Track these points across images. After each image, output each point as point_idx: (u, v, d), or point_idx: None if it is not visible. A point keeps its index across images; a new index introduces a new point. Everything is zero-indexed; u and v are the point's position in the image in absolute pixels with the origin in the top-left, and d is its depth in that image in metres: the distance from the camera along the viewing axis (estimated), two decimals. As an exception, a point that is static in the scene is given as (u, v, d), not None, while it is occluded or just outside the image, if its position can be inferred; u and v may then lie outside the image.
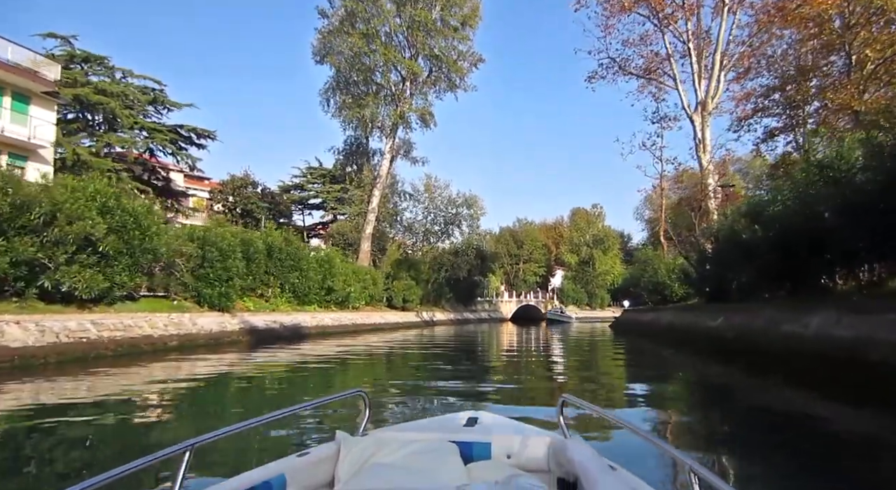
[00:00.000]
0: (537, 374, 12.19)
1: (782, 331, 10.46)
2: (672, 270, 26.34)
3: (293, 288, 25.45)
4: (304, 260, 25.93)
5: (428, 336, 26.97)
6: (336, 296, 28.76)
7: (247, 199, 42.54)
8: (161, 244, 15.74)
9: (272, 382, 10.15)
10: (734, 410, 7.36)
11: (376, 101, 34.35)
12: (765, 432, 5.76)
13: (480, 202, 49.87)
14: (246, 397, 8.52)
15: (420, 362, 14.83)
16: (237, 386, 9.63)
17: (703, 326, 15.21)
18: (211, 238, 18.73)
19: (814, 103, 28.75)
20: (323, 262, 27.66)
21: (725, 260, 16.21)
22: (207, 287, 18.27)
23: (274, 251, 23.78)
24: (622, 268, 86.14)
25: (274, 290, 24.22)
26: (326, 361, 14.11)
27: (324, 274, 27.46)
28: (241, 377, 10.68)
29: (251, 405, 7.73)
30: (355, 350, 17.78)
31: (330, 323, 26.17)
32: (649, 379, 10.99)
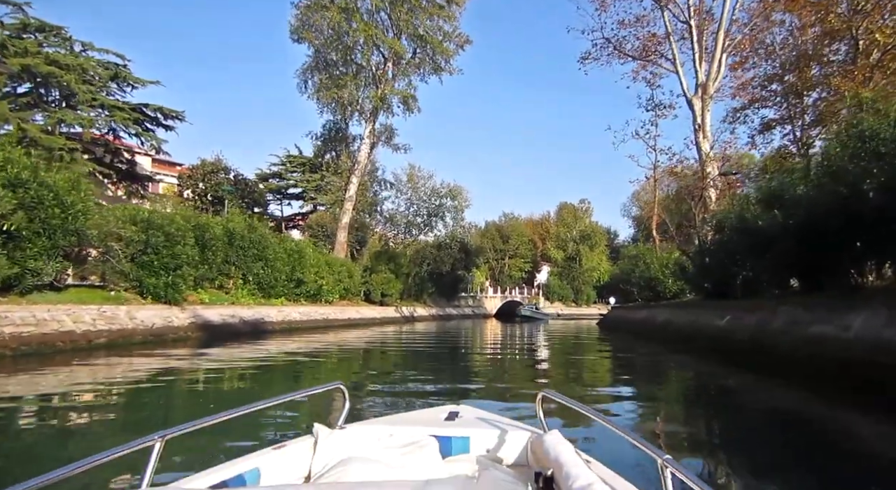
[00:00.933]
0: (520, 376, 10.45)
1: (810, 333, 8.73)
2: (665, 265, 24.71)
3: (258, 279, 23.44)
4: (271, 249, 23.89)
5: (406, 333, 25.17)
6: (307, 289, 26.77)
7: (218, 185, 40.30)
8: (89, 225, 13.65)
9: (191, 392, 8.21)
10: (808, 446, 5.54)
11: (356, 81, 32.29)
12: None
13: (465, 193, 48.05)
14: (136, 414, 6.58)
15: (391, 363, 13.00)
16: (138, 400, 7.61)
17: (707, 326, 13.51)
18: (156, 221, 16.63)
19: (812, 94, 27.32)
20: (292, 252, 25.63)
21: (731, 252, 14.50)
22: (151, 276, 16.19)
23: (235, 238, 21.72)
24: (608, 265, 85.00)
25: (235, 281, 22.19)
26: (283, 362, 12.22)
27: (293, 265, 25.44)
28: (159, 383, 8.69)
29: (139, 425, 5.81)
30: (322, 348, 15.94)
31: (298, 317, 24.18)
32: (652, 394, 9.19)
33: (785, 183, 10.93)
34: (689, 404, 8.00)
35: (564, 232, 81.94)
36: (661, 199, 31.19)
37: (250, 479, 1.82)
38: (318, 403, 6.36)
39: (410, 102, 36.83)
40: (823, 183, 9.22)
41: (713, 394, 8.61)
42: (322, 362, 12.70)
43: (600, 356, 15.72)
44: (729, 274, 15.47)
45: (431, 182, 47.31)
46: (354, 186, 33.68)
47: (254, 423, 5.33)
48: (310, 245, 28.62)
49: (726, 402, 7.77)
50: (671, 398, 8.48)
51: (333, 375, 10.56)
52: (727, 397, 8.15)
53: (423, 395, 7.61)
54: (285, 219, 56.04)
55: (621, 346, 18.52)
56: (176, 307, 17.10)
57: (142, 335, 14.69)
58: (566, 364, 13.72)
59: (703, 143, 21.72)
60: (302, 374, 10.58)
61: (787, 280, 12.71)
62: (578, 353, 16.40)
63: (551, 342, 20.66)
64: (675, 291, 24.07)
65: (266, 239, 23.50)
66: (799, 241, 10.12)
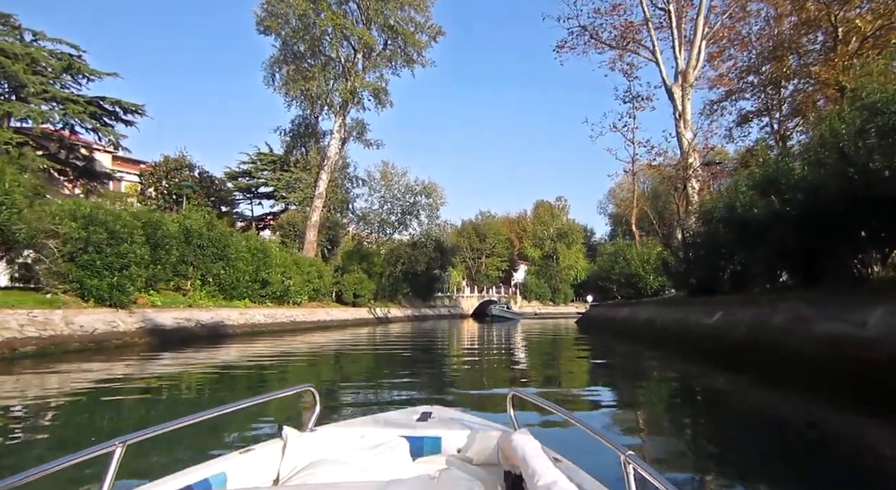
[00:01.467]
0: (497, 379, 9.40)
1: (819, 331, 7.83)
2: (646, 261, 23.96)
3: (219, 280, 22.02)
4: (233, 248, 22.47)
5: (380, 335, 24.01)
6: (272, 290, 25.39)
7: (182, 182, 38.47)
8: (13, 220, 12.19)
9: (125, 404, 6.95)
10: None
11: (325, 74, 30.92)
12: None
13: (440, 190, 46.94)
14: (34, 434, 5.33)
15: (362, 369, 11.85)
16: (51, 415, 6.32)
17: (697, 324, 12.62)
18: (98, 217, 15.15)
19: (789, 86, 26.90)
20: (256, 252, 24.23)
21: (718, 244, 13.68)
22: (93, 277, 14.72)
23: (193, 236, 20.28)
24: (586, 263, 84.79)
25: (194, 282, 20.75)
26: (239, 369, 11.00)
27: (257, 265, 24.04)
28: (86, 394, 7.39)
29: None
30: (286, 352, 14.72)
31: (262, 320, 22.81)
32: (639, 397, 8.23)
33: (781, 167, 10.05)
34: (681, 412, 7.03)
35: (541, 230, 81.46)
36: (639, 194, 30.44)
37: (216, 484, 1.80)
38: (289, 406, 6.18)
39: (382, 96, 35.60)
40: (827, 163, 8.33)
41: (707, 400, 7.66)
42: (284, 369, 11.48)
43: (579, 358, 14.75)
44: (716, 268, 14.67)
45: (405, 179, 46.17)
46: (324, 183, 32.30)
47: (220, 427, 5.06)
48: (275, 244, 27.22)
49: (722, 410, 6.82)
50: (662, 405, 7.51)
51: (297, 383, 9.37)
52: (724, 404, 7.21)
53: (397, 405, 6.69)
54: (256, 218, 54.23)
55: (602, 347, 17.63)
56: (122, 310, 15.66)
57: (80, 342, 13.24)
58: (544, 365, 12.74)
59: (685, 132, 20.99)
60: (262, 382, 9.36)
61: (780, 273, 11.90)
62: (557, 355, 15.43)
63: (529, 343, 19.70)
64: (657, 288, 23.33)
65: (227, 237, 22.08)
66: (798, 228, 9.25)
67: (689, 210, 18.99)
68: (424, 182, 46.07)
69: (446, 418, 2.60)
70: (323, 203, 32.89)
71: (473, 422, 2.54)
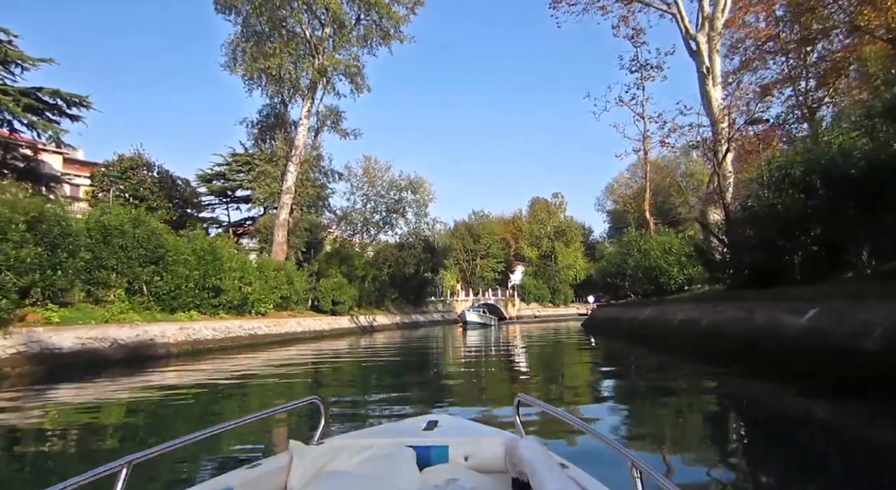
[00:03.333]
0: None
1: None
2: (667, 251, 20.18)
3: (154, 289, 18.15)
4: (171, 250, 18.60)
5: (363, 347, 20.40)
6: (228, 299, 21.48)
7: (139, 183, 34.56)
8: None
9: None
10: None
11: (288, 49, 27.03)
12: None
13: (427, 185, 43.04)
14: None
15: (327, 399, 7.97)
16: None
17: (776, 326, 8.76)
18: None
19: (816, 51, 23.19)
20: (204, 254, 20.33)
21: (796, 217, 9.88)
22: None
23: (113, 235, 16.40)
24: (584, 262, 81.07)
25: (117, 291, 16.86)
26: (111, 416, 7.19)
27: (205, 269, 20.14)
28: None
29: None
30: (228, 378, 10.95)
31: (210, 335, 18.88)
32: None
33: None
34: None
35: (538, 228, 77.67)
36: (650, 185, 26.70)
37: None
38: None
39: (358, 80, 31.86)
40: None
41: None
42: (210, 405, 7.79)
43: (606, 377, 10.95)
44: (781, 250, 10.86)
45: (389, 174, 42.27)
46: (293, 176, 28.43)
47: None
48: (229, 244, 23.28)
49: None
50: None
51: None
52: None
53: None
54: (234, 224, 50.24)
55: (622, 357, 13.83)
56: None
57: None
58: (573, 392, 8.98)
59: (713, 91, 17.29)
60: (110, 451, 5.51)
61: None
62: (576, 373, 11.62)
63: (535, 351, 16.00)
64: (683, 282, 19.54)
65: (161, 236, 18.17)
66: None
67: (725, 183, 15.25)
68: (410, 176, 42.22)
69: (453, 427, 2.57)
70: (293, 199, 28.96)
71: (480, 429, 2.61)
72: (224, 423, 1.89)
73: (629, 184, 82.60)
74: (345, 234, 42.92)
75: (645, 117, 25.54)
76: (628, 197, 79.42)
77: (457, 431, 2.46)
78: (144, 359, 14.93)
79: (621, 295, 28.05)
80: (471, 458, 2.25)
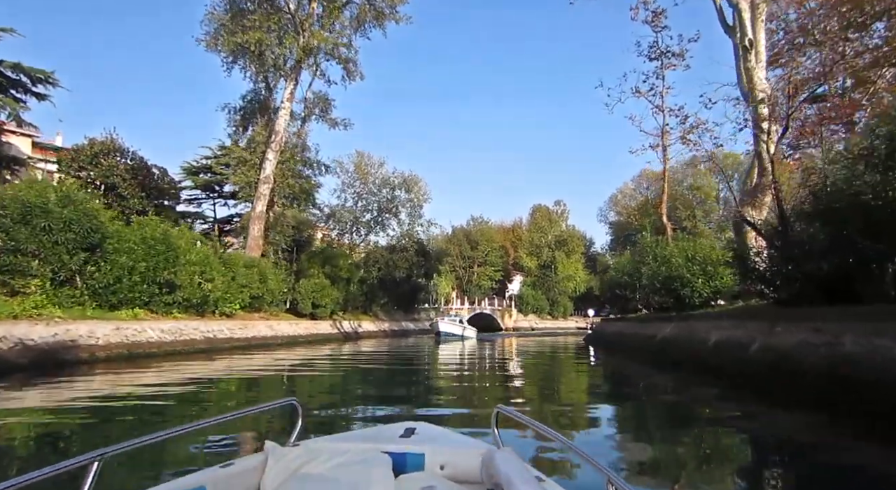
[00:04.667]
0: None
1: None
2: (691, 259, 17.47)
3: (91, 281, 15.43)
4: (110, 237, 15.91)
5: (344, 356, 18.00)
6: (184, 296, 18.74)
7: (110, 170, 31.85)
8: None
9: None
10: None
11: (269, 23, 24.43)
12: None
13: (423, 184, 40.30)
14: None
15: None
16: None
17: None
18: None
19: (857, 43, 20.57)
20: (155, 243, 17.60)
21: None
22: None
23: (33, 215, 13.69)
24: (585, 274, 78.31)
25: (41, 281, 14.11)
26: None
27: (156, 261, 17.41)
28: None
29: None
30: (151, 392, 8.51)
31: (155, 337, 16.13)
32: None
33: None
34: None
35: (538, 237, 74.90)
36: (668, 185, 24.09)
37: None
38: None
39: (350, 66, 29.34)
40: None
41: None
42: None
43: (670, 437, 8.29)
44: (865, 258, 8.17)
45: (382, 170, 39.57)
46: (272, 164, 25.75)
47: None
48: (186, 232, 20.51)
49: None
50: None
51: None
52: None
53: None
54: (220, 221, 47.48)
55: (660, 402, 11.11)
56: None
57: None
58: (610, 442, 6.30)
59: (755, 68, 14.68)
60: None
61: None
62: (601, 411, 8.91)
63: (543, 376, 13.31)
64: (710, 295, 16.80)
65: (97, 219, 15.43)
66: None
67: (769, 177, 12.59)
68: (405, 173, 39.47)
69: (430, 435, 2.53)
70: (272, 190, 26.26)
71: (457, 439, 2.55)
72: (200, 421, 1.87)
73: (633, 195, 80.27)
74: (333, 232, 40.13)
75: (664, 110, 22.94)
76: (632, 208, 77.02)
77: (434, 440, 2.42)
78: (60, 364, 12.21)
79: (630, 308, 25.31)
80: (447, 467, 2.22)
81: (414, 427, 2.60)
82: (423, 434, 2.51)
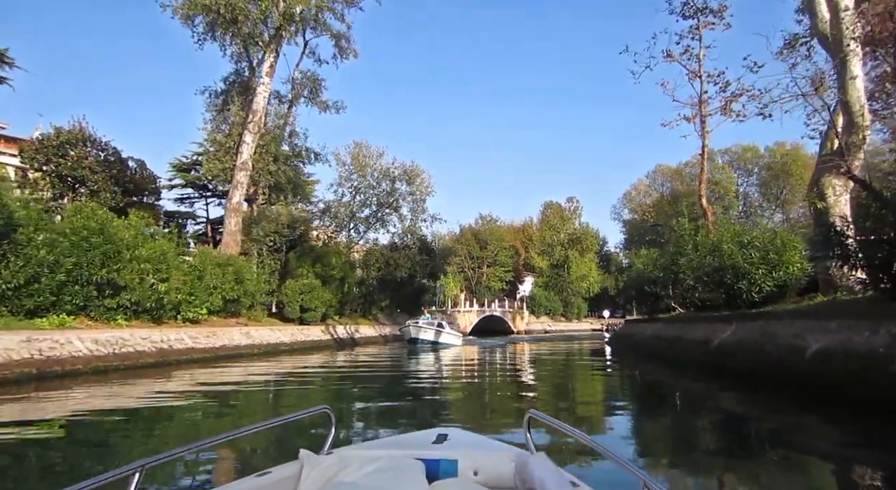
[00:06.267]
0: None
1: None
2: (747, 245, 14.04)
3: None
4: (22, 225, 12.78)
5: (337, 367, 15.00)
6: (132, 298, 15.57)
7: (77, 162, 28.86)
8: None
9: None
10: None
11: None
12: None
13: (425, 177, 36.92)
14: None
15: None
16: None
17: None
18: None
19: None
20: (89, 234, 14.43)
21: None
22: None
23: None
24: (598, 274, 74.67)
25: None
26: None
27: (91, 256, 14.26)
28: None
29: None
30: None
31: (84, 351, 12.92)
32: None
33: None
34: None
35: (550, 235, 71.34)
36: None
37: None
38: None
39: (343, 43, 26.22)
40: None
41: None
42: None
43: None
44: None
45: (381, 161, 36.29)
46: (249, 148, 22.58)
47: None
48: (135, 222, 17.28)
49: None
50: None
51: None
52: None
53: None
54: (214, 221, 44.40)
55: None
56: None
57: None
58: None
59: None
60: None
61: None
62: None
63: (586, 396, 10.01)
64: (771, 291, 13.30)
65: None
66: None
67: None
68: (405, 164, 36.13)
69: (463, 441, 2.51)
70: (251, 177, 23.07)
71: (490, 444, 2.53)
72: (235, 431, 1.92)
73: (648, 191, 76.66)
74: (329, 229, 36.91)
75: (702, 76, 19.50)
76: (648, 205, 73.35)
77: (467, 446, 2.40)
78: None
79: (661, 307, 21.83)
80: (480, 473, 2.21)
81: (446, 433, 2.58)
82: (456, 440, 2.49)
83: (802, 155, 66.28)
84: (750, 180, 71.35)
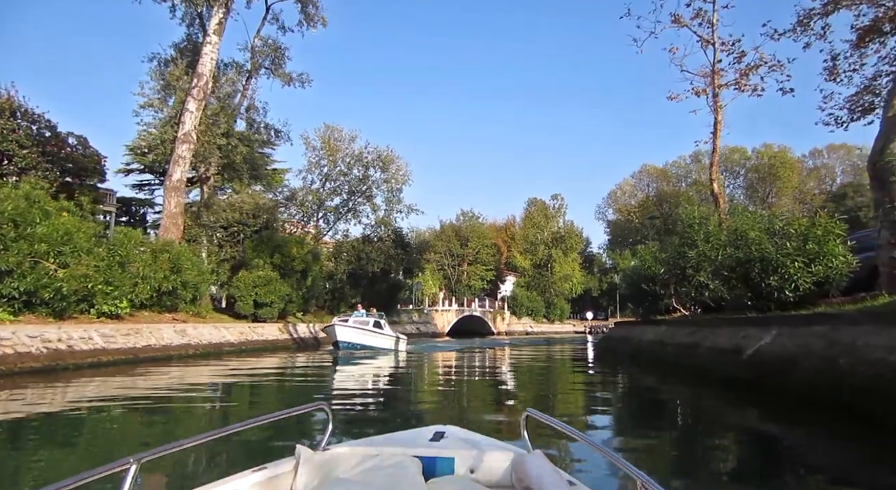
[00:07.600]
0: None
1: None
2: (777, 233, 11.48)
3: None
4: None
5: (291, 373, 11.63)
6: (20, 286, 12.48)
7: (3, 135, 25.41)
8: None
9: None
10: None
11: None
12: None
13: (401, 163, 33.97)
14: None
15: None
16: None
17: None
18: None
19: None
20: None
21: None
22: None
23: None
24: (582, 275, 72.55)
25: None
26: None
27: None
28: None
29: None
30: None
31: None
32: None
33: None
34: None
35: (534, 233, 68.92)
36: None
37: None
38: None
39: (310, 10, 23.30)
40: None
41: None
42: None
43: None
44: None
45: (354, 145, 33.26)
46: (193, 117, 19.47)
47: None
48: (27, 190, 14.12)
49: None
50: None
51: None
52: None
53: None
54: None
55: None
56: None
57: None
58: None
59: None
60: None
61: None
62: None
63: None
64: (811, 286, 10.72)
65: None
66: None
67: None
68: (379, 149, 33.13)
69: (460, 438, 2.49)
70: (193, 150, 19.93)
71: (487, 442, 2.48)
72: (232, 425, 1.88)
73: (633, 192, 74.83)
74: (295, 218, 33.81)
75: (715, 43, 16.95)
76: (633, 206, 71.40)
77: (464, 443, 2.39)
78: None
79: (660, 308, 19.23)
80: (477, 471, 2.21)
81: (443, 431, 2.56)
82: (453, 438, 2.48)
83: (789, 158, 64.93)
84: (736, 182, 70.04)
